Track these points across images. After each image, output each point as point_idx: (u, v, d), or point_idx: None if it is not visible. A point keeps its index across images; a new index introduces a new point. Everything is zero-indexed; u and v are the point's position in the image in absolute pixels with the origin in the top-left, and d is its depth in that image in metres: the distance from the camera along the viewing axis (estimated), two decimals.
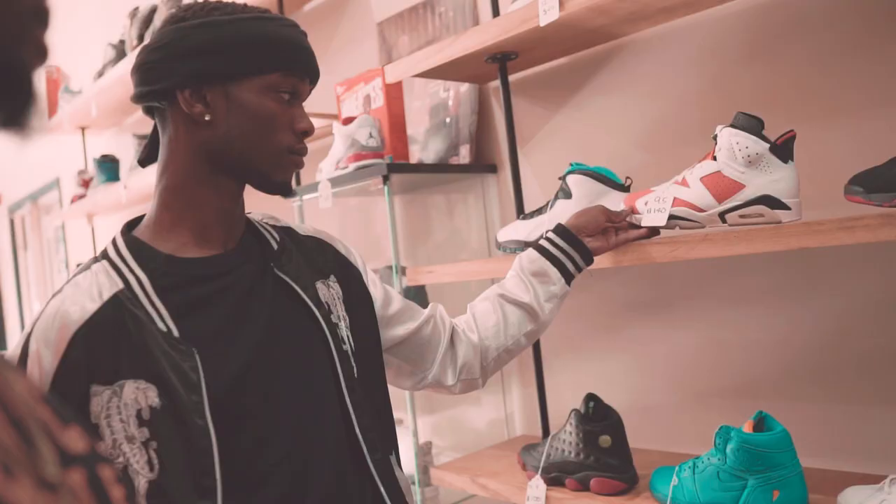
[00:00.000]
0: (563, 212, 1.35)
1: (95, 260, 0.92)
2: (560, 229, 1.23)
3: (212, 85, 0.92)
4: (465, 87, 1.91)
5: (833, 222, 1.00)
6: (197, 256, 0.93)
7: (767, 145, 1.14)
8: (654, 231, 1.25)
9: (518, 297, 1.18)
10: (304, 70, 0.97)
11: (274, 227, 1.05)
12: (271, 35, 0.93)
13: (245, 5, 0.95)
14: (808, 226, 1.03)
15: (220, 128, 0.92)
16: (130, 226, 0.97)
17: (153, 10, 2.87)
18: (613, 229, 1.25)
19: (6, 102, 0.33)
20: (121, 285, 0.87)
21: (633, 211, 1.26)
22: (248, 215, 1.03)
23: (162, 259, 0.90)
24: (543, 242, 1.22)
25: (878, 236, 0.97)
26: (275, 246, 1.00)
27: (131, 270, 0.89)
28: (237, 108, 0.92)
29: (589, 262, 1.23)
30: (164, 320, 0.86)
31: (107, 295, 0.86)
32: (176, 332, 0.86)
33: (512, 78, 1.75)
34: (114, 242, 0.93)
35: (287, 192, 0.99)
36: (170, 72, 0.91)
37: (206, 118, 0.92)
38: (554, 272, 1.19)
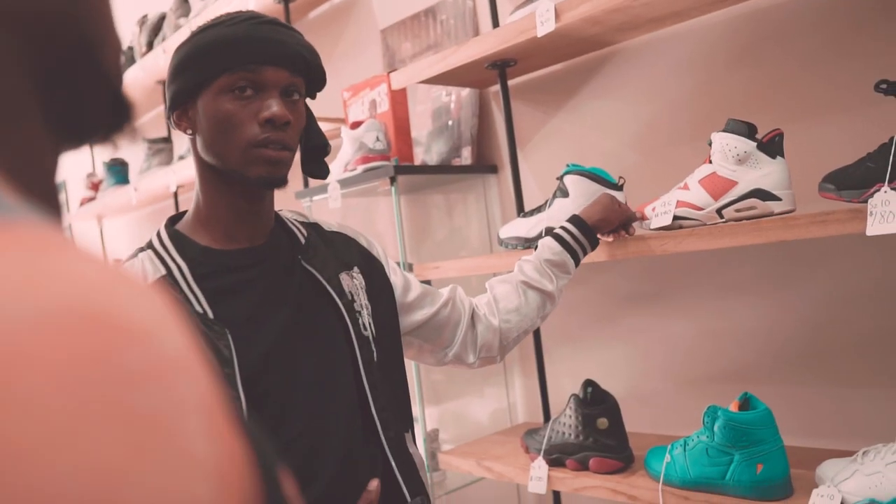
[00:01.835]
0: (561, 210, 1.45)
1: (141, 250, 1.02)
2: (580, 223, 1.30)
3: (186, 104, 1.01)
4: (466, 92, 2.01)
5: (807, 217, 1.10)
6: (229, 249, 1.03)
7: (755, 143, 1.24)
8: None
9: (543, 286, 1.25)
10: (252, 60, 0.97)
11: (302, 223, 1.14)
12: (212, 41, 0.98)
13: (225, 15, 1.02)
14: (785, 220, 1.12)
15: (201, 140, 1.01)
16: (173, 220, 1.07)
17: (162, 18, 2.96)
18: (621, 223, 1.35)
19: (113, 124, 0.39)
20: (163, 271, 0.97)
21: (642, 217, 1.35)
22: (279, 212, 1.12)
23: (199, 250, 1.00)
24: (565, 236, 1.29)
25: (848, 229, 1.07)
26: (302, 241, 1.09)
27: (172, 259, 0.99)
28: (203, 119, 0.99)
29: (595, 248, 1.32)
30: (200, 303, 0.96)
31: (151, 279, 0.96)
32: (211, 315, 0.96)
33: (511, 83, 1.85)
34: (158, 234, 1.03)
35: (268, 185, 1.01)
36: (166, 97, 1.02)
37: (190, 133, 1.02)
38: (571, 264, 1.28)
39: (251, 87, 0.98)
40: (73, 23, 0.31)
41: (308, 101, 1.09)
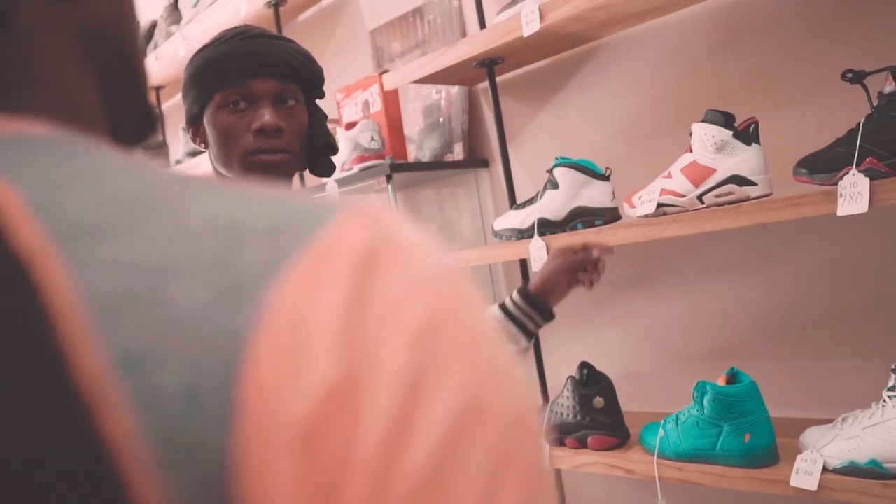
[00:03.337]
0: (551, 201, 1.52)
1: None
2: (524, 292, 1.33)
3: (197, 121, 1.11)
4: (455, 89, 2.07)
5: (782, 200, 1.17)
6: None
7: (731, 132, 1.31)
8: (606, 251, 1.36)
9: None
10: (241, 75, 1.04)
11: None
12: (204, 62, 1.07)
13: (219, 33, 1.11)
14: (762, 204, 1.20)
15: (211, 153, 1.10)
16: None
17: (153, 26, 3.01)
18: (576, 278, 1.35)
19: (142, 135, 0.41)
20: None
21: (606, 250, 1.36)
22: None
23: None
24: (510, 306, 1.32)
25: (820, 210, 1.14)
26: None
27: None
28: (209, 134, 1.09)
29: (549, 319, 1.34)
30: None
31: None
32: None
33: (499, 80, 1.91)
34: None
35: None
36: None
37: (203, 147, 1.12)
38: (520, 334, 1.31)
39: (244, 99, 1.05)
40: (123, 39, 0.33)
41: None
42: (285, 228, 0.23)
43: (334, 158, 2.00)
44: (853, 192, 1.10)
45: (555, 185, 1.54)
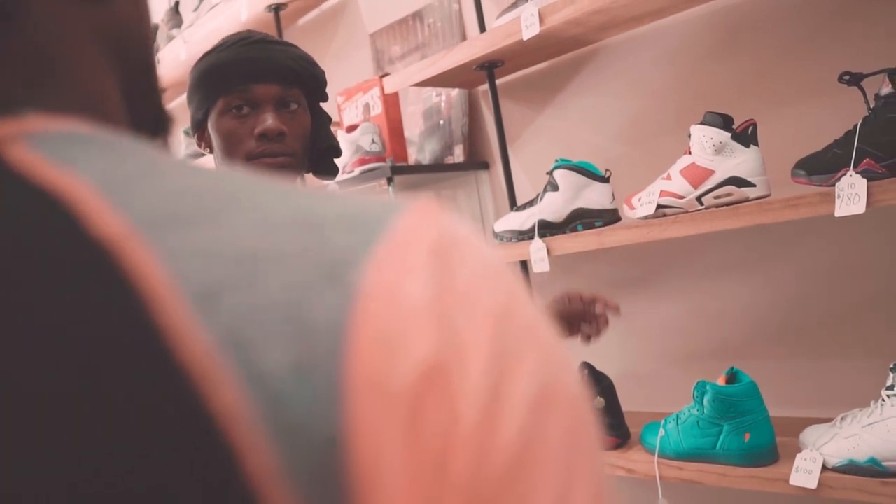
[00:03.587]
0: (551, 203, 1.53)
1: None
2: None
3: (201, 126, 1.12)
4: (455, 92, 2.08)
5: (781, 201, 1.18)
6: None
7: (729, 134, 1.32)
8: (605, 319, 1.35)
9: None
10: (243, 80, 1.06)
11: None
12: (207, 69, 1.09)
13: (222, 39, 1.13)
14: (760, 205, 1.21)
15: (216, 157, 1.12)
16: None
17: (154, 29, 3.02)
18: (577, 327, 1.34)
19: (155, 134, 0.41)
20: None
21: (610, 308, 1.35)
22: None
23: None
24: None
25: (818, 211, 1.15)
26: None
27: None
28: (213, 138, 1.10)
29: None
30: None
31: None
32: None
33: (499, 82, 1.92)
34: None
35: None
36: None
37: (209, 152, 1.13)
38: None
39: (246, 104, 1.07)
40: (143, 41, 0.34)
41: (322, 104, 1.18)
42: (361, 220, 0.25)
43: (337, 161, 2.02)
44: (851, 193, 1.12)
45: (555, 187, 1.55)
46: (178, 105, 2.90)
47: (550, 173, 1.57)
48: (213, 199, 0.24)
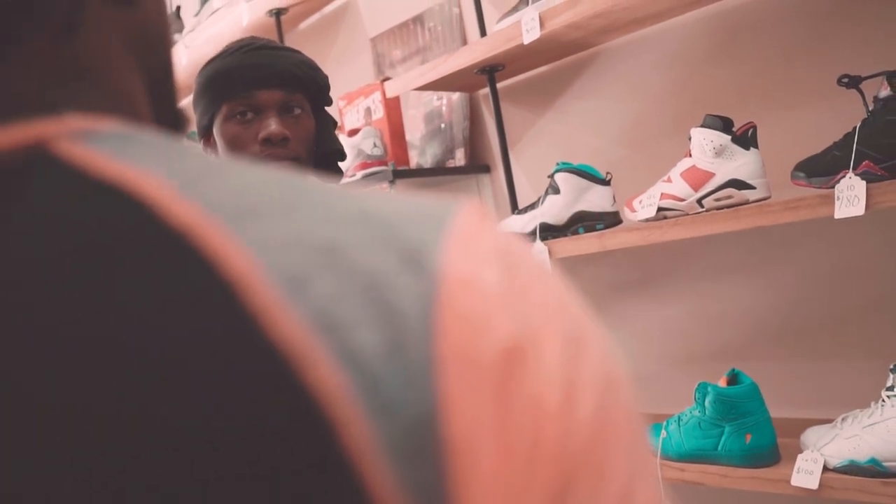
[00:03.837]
0: (553, 206, 1.54)
1: None
2: None
3: (207, 131, 1.13)
4: (456, 96, 2.09)
5: (780, 204, 1.19)
6: None
7: (729, 137, 1.33)
8: None
9: None
10: (246, 86, 1.07)
11: None
12: (211, 75, 1.10)
13: (225, 46, 1.14)
14: (760, 207, 1.22)
15: None
16: None
17: None
18: None
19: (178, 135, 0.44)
20: None
21: None
22: None
23: None
24: None
25: (818, 213, 1.16)
26: None
27: None
28: (218, 142, 1.11)
29: None
30: None
31: None
32: None
33: (500, 86, 1.93)
34: None
35: None
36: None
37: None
38: None
39: (250, 110, 1.09)
40: (166, 44, 0.35)
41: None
42: (424, 215, 0.26)
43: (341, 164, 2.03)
44: (850, 196, 1.12)
45: (556, 191, 1.56)
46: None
47: (552, 176, 1.58)
48: (279, 195, 0.25)
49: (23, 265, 0.23)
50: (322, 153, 1.17)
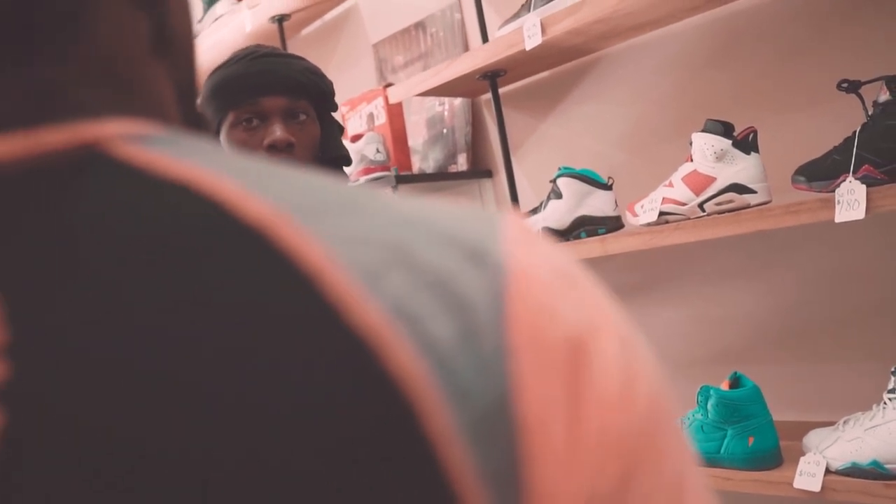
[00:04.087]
0: (555, 211, 1.55)
1: None
2: None
3: (216, 135, 1.14)
4: (458, 101, 2.10)
5: (781, 208, 1.20)
6: None
7: (730, 141, 1.34)
8: None
9: None
10: (251, 94, 1.09)
11: None
12: (217, 84, 1.12)
13: (231, 54, 1.15)
14: (761, 211, 1.23)
15: None
16: None
17: None
18: None
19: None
20: None
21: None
22: None
23: None
24: None
25: (818, 217, 1.17)
26: None
27: None
28: (226, 149, 1.13)
29: None
30: None
31: None
32: None
33: (502, 91, 1.94)
34: None
35: None
36: None
37: None
38: None
39: (256, 117, 1.10)
40: (191, 49, 0.36)
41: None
42: (475, 218, 0.28)
43: (347, 170, 2.04)
44: (850, 199, 1.13)
45: (558, 195, 1.57)
46: None
47: (554, 181, 1.59)
48: (337, 196, 0.27)
49: (100, 262, 0.23)
50: (327, 158, 1.18)
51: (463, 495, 0.23)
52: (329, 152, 1.18)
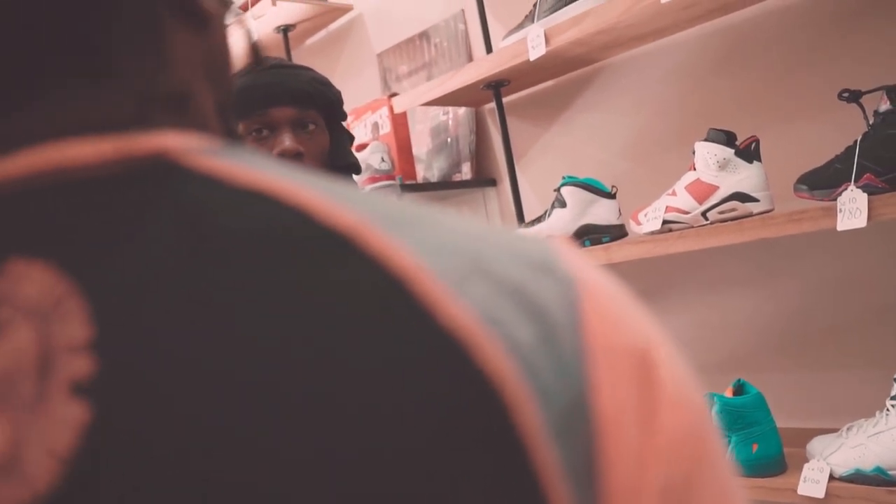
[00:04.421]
0: (559, 219, 1.56)
1: None
2: None
3: None
4: (462, 110, 2.12)
5: (783, 216, 1.21)
6: None
7: (733, 150, 1.35)
8: None
9: None
10: (260, 105, 1.11)
11: None
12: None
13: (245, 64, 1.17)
14: (764, 220, 1.24)
15: None
16: None
17: None
18: None
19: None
20: None
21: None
22: None
23: None
24: None
25: (820, 225, 1.18)
26: None
27: None
28: None
29: None
30: None
31: None
32: None
33: (505, 100, 1.95)
34: None
35: None
36: None
37: None
38: None
39: (265, 127, 1.12)
40: (229, 68, 0.37)
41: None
42: (527, 237, 0.30)
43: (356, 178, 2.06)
44: (852, 208, 1.14)
45: (562, 204, 1.58)
46: None
47: (558, 190, 1.60)
48: (408, 210, 0.28)
49: (187, 264, 0.24)
50: (336, 167, 1.20)
51: (548, 487, 0.24)
52: (338, 160, 1.19)
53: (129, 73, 0.28)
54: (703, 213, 1.36)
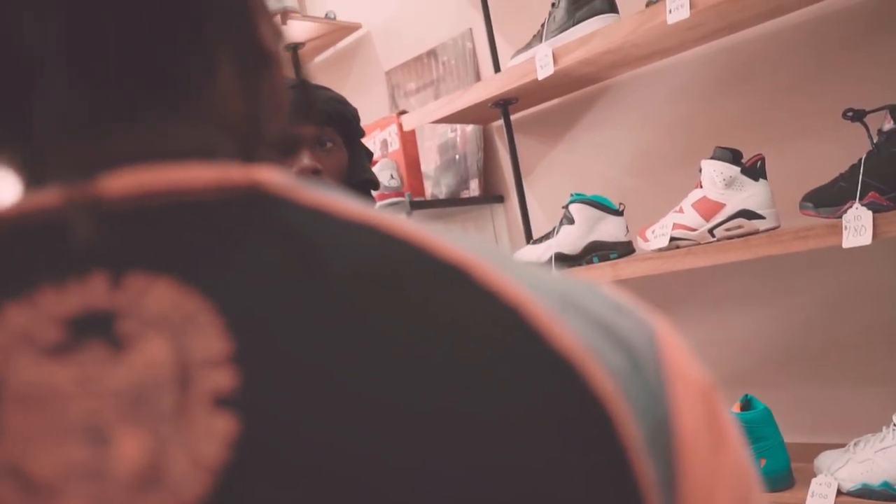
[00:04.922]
0: (567, 236, 1.58)
1: None
2: None
3: None
4: (470, 127, 2.14)
5: (790, 233, 1.23)
6: None
7: (739, 168, 1.37)
8: None
9: None
10: None
11: None
12: None
13: None
14: (770, 237, 1.25)
15: None
16: None
17: None
18: None
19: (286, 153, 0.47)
20: None
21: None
22: None
23: None
24: None
25: (826, 242, 1.19)
26: None
27: None
28: None
29: None
30: None
31: None
32: None
33: (513, 118, 1.98)
34: None
35: None
36: None
37: None
38: None
39: None
40: (286, 102, 0.37)
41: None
42: (593, 283, 0.33)
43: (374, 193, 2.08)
44: (857, 225, 1.16)
45: (570, 221, 1.60)
46: None
47: (566, 207, 1.62)
48: (503, 252, 0.31)
49: (310, 285, 0.25)
50: (354, 183, 1.21)
51: (647, 493, 0.27)
52: (355, 176, 1.21)
53: (214, 106, 0.30)
54: (710, 231, 1.38)
